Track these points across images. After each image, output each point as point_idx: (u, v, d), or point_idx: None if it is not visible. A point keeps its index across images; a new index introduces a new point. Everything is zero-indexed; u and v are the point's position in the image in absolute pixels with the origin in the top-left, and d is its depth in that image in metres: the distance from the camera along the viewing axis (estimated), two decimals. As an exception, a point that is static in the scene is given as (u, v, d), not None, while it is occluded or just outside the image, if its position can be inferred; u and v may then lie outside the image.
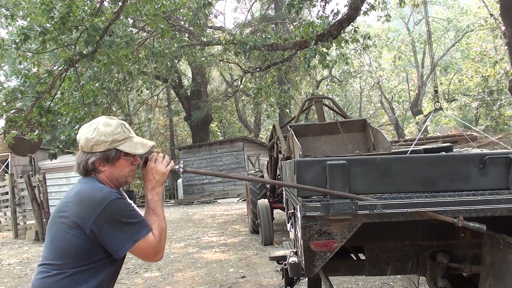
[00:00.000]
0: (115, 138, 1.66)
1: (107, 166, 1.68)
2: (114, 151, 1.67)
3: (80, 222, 1.56)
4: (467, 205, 1.90)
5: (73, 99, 7.92)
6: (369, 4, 8.90)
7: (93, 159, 1.66)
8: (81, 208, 1.58)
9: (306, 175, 1.95)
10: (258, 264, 5.83)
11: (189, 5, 9.44)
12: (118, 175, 1.70)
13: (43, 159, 17.19)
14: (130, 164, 1.73)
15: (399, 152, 3.85)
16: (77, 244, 1.56)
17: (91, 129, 1.67)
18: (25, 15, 7.24)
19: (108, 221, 1.56)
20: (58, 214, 1.62)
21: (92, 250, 1.59)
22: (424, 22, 17.18)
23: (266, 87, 10.86)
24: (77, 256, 1.57)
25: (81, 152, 1.69)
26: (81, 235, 1.56)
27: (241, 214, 11.89)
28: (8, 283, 5.85)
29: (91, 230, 1.55)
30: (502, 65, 18.04)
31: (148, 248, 1.62)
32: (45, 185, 9.29)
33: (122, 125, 1.71)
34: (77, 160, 1.70)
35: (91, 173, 1.69)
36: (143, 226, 1.62)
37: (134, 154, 1.71)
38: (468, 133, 14.10)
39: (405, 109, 28.22)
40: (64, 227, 1.58)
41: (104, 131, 1.65)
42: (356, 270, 2.68)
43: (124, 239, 1.58)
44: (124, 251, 1.59)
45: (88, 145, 1.65)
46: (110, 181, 1.70)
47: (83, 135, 1.68)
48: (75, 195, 1.63)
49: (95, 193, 1.60)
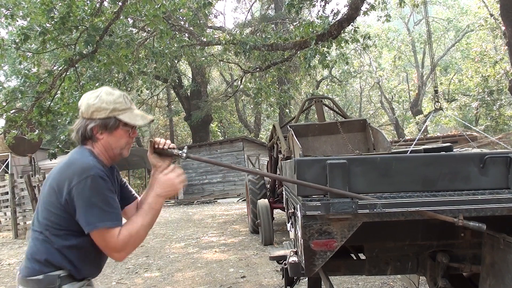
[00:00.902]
0: (116, 107, 1.67)
1: (104, 134, 1.68)
2: (113, 119, 1.67)
3: (58, 190, 1.58)
4: (467, 204, 1.90)
5: (73, 99, 7.92)
6: (369, 4, 8.90)
7: (92, 125, 1.66)
8: (61, 176, 1.59)
9: (306, 174, 1.95)
10: (258, 264, 5.83)
11: (189, 5, 9.45)
12: (115, 145, 1.70)
13: (43, 159, 17.18)
14: (128, 136, 1.73)
15: (399, 152, 3.84)
16: (55, 211, 1.58)
17: (94, 96, 1.68)
18: (25, 15, 7.24)
19: (80, 194, 1.54)
20: (47, 182, 1.67)
21: (68, 219, 1.58)
22: (424, 22, 17.19)
23: (266, 87, 10.86)
24: (55, 224, 1.59)
25: (80, 119, 1.70)
26: (58, 203, 1.57)
27: (241, 214, 11.89)
28: (8, 283, 5.85)
29: (65, 199, 1.56)
30: (502, 65, 18.05)
31: (110, 242, 1.58)
32: (45, 185, 9.29)
33: (125, 96, 1.73)
34: (76, 127, 1.70)
35: (88, 141, 1.69)
36: (113, 217, 1.58)
37: (133, 125, 1.71)
38: (468, 133, 14.10)
39: (405, 109, 28.23)
40: (46, 194, 1.62)
41: (106, 99, 1.66)
42: (356, 270, 2.68)
43: (90, 218, 1.55)
44: (89, 229, 1.56)
45: (88, 110, 1.66)
46: (105, 151, 1.69)
47: (85, 101, 1.68)
48: (64, 164, 1.65)
49: (78, 163, 1.60)
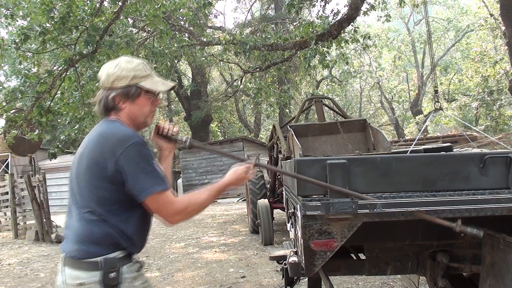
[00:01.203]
0: (136, 74, 1.65)
1: (127, 103, 1.66)
2: (134, 87, 1.65)
3: (101, 164, 1.54)
4: (467, 204, 1.90)
5: (73, 99, 7.92)
6: (369, 4, 8.90)
7: (114, 95, 1.64)
8: (101, 150, 1.56)
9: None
10: (258, 264, 5.83)
11: (189, 5, 9.45)
12: (138, 113, 1.68)
13: (43, 159, 17.19)
14: (150, 104, 1.71)
15: (399, 152, 3.85)
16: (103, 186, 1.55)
17: (113, 65, 1.66)
18: (25, 15, 7.24)
19: (129, 162, 1.53)
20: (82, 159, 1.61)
21: (118, 191, 1.56)
22: (424, 22, 17.19)
23: (266, 87, 10.86)
24: (105, 199, 1.56)
25: (101, 90, 1.68)
26: (104, 177, 1.54)
27: (241, 214, 11.89)
28: (8, 283, 5.85)
29: (112, 171, 1.53)
30: (502, 65, 18.04)
31: (165, 205, 1.58)
32: (45, 185, 9.29)
33: (144, 63, 1.71)
34: (98, 98, 1.68)
35: (111, 112, 1.67)
36: (163, 181, 1.59)
37: (154, 91, 1.69)
38: (468, 133, 14.10)
39: (405, 109, 28.22)
40: (86, 172, 1.57)
41: (126, 67, 1.65)
42: (356, 270, 2.68)
43: (143, 184, 1.54)
44: (144, 196, 1.55)
45: (109, 80, 1.64)
46: (130, 120, 1.67)
47: (104, 71, 1.67)
48: (98, 137, 1.61)
49: (117, 134, 1.58)
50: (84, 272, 1.55)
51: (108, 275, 1.54)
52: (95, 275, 1.54)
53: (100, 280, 1.54)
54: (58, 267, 1.64)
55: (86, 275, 1.55)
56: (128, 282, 1.59)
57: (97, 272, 1.54)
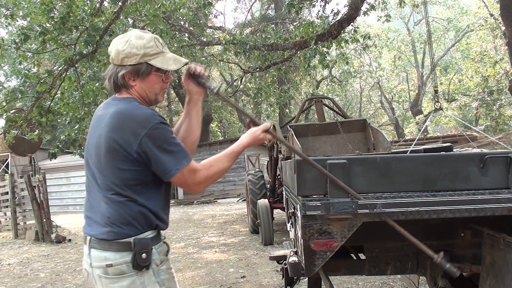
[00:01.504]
0: (147, 52, 1.59)
1: (137, 81, 1.62)
2: (145, 65, 1.60)
3: (124, 145, 1.52)
4: (467, 204, 1.90)
5: (73, 99, 7.92)
6: (369, 4, 8.90)
7: (123, 72, 1.60)
8: (122, 130, 1.53)
9: (307, 174, 1.95)
10: (258, 264, 5.83)
11: (189, 5, 9.44)
12: (148, 91, 1.65)
13: (43, 159, 17.20)
14: (161, 81, 1.67)
15: (399, 152, 3.84)
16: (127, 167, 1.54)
17: (123, 41, 1.60)
18: (25, 15, 7.24)
19: (153, 144, 1.52)
20: (100, 140, 1.56)
21: (142, 172, 1.56)
22: (424, 22, 17.19)
23: (266, 87, 10.85)
24: (131, 180, 1.55)
25: (111, 66, 1.64)
26: (128, 159, 1.53)
27: (241, 214, 11.89)
28: (8, 283, 5.85)
29: (137, 152, 1.52)
30: (502, 65, 18.04)
31: (191, 177, 1.59)
32: (45, 185, 9.29)
33: (156, 39, 1.64)
34: (108, 73, 1.65)
35: (122, 89, 1.64)
36: (186, 153, 1.59)
37: (165, 69, 1.64)
38: (468, 133, 14.10)
39: (405, 109, 28.22)
40: (107, 154, 1.54)
41: (136, 44, 1.59)
42: (356, 270, 2.68)
43: (169, 164, 1.55)
44: (171, 175, 1.56)
45: (118, 57, 1.60)
46: (141, 97, 1.65)
47: (114, 47, 1.62)
48: (117, 117, 1.56)
49: (137, 114, 1.55)
50: (114, 253, 1.53)
51: (140, 256, 1.53)
52: (126, 255, 1.53)
53: (131, 261, 1.52)
54: (84, 251, 1.62)
55: (116, 256, 1.53)
56: (155, 264, 1.58)
57: (128, 253, 1.53)
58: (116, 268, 1.53)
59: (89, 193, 1.66)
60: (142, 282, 1.55)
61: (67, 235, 9.79)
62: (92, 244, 1.57)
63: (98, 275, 1.56)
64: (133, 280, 1.54)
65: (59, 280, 5.83)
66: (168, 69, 1.65)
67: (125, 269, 1.53)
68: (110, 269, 1.53)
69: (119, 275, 1.54)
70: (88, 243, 1.59)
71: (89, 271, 1.60)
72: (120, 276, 1.54)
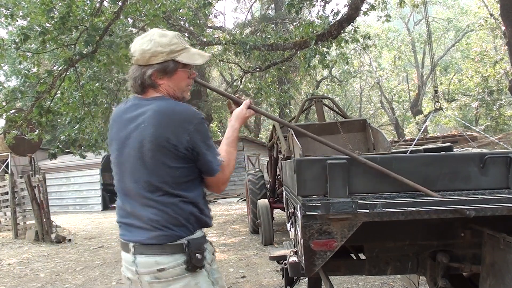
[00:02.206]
0: (173, 49, 1.58)
1: (165, 79, 1.60)
2: (172, 62, 1.59)
3: (174, 142, 1.50)
4: (467, 204, 1.90)
5: (73, 99, 7.93)
6: (369, 4, 8.90)
7: (151, 72, 1.57)
8: (171, 128, 1.51)
9: (307, 174, 1.95)
10: (258, 264, 5.83)
11: (189, 5, 9.44)
12: (176, 88, 1.63)
13: (43, 159, 17.20)
14: (187, 77, 1.66)
15: (399, 152, 3.84)
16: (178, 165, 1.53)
17: (146, 40, 1.58)
18: (25, 15, 7.24)
19: (199, 140, 1.54)
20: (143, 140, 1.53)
21: (190, 169, 1.56)
22: (424, 22, 17.19)
23: (266, 87, 10.86)
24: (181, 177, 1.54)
25: (135, 67, 1.61)
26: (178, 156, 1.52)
27: (241, 214, 11.88)
28: (8, 283, 5.85)
29: (186, 148, 1.52)
30: (502, 65, 18.04)
31: (222, 176, 1.62)
32: (45, 185, 9.29)
33: (178, 35, 1.64)
34: (132, 75, 1.61)
35: (148, 88, 1.61)
36: (219, 153, 1.64)
37: (192, 64, 1.64)
38: (468, 133, 14.10)
39: (405, 109, 28.21)
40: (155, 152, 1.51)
41: (161, 42, 1.57)
42: (356, 270, 2.67)
43: (213, 160, 1.58)
44: (215, 172, 1.58)
45: (144, 57, 1.57)
46: (170, 96, 1.63)
47: (138, 47, 1.59)
48: (158, 115, 1.53)
49: (183, 111, 1.56)
50: (166, 257, 1.49)
51: (195, 256, 1.51)
52: (179, 258, 1.50)
53: (184, 263, 1.50)
54: (127, 259, 1.56)
55: (169, 259, 1.49)
56: (207, 263, 1.57)
57: (181, 255, 1.50)
58: (169, 272, 1.50)
59: (125, 199, 1.60)
60: (196, 283, 1.53)
61: (67, 235, 9.79)
62: (138, 250, 1.52)
63: (148, 281, 1.51)
64: (188, 281, 1.51)
65: (59, 280, 5.83)
66: (195, 63, 1.65)
67: (179, 271, 1.50)
68: (163, 273, 1.50)
69: (172, 278, 1.50)
70: (133, 250, 1.54)
71: (135, 278, 1.55)
72: (173, 279, 1.50)
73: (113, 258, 7.05)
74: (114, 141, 1.63)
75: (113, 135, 1.65)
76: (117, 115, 1.67)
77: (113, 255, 7.31)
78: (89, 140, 8.73)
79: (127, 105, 1.66)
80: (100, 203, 17.63)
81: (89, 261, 6.96)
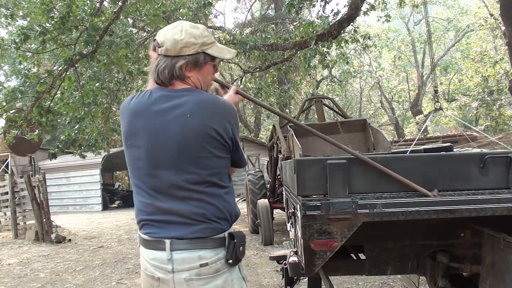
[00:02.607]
0: (205, 41, 1.55)
1: (193, 71, 1.56)
2: (202, 54, 1.55)
3: (221, 132, 1.50)
4: (467, 204, 1.90)
5: (73, 99, 7.93)
6: (369, 4, 8.90)
7: (182, 63, 1.52)
8: (217, 118, 1.50)
9: (307, 174, 1.95)
10: (258, 264, 5.83)
11: (189, 5, 9.44)
12: (203, 81, 1.60)
13: (43, 159, 17.20)
14: (213, 72, 1.64)
15: (399, 152, 3.84)
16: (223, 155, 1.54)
17: (177, 31, 1.53)
18: (25, 15, 7.24)
19: (237, 132, 1.58)
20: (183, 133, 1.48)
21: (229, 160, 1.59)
22: (424, 22, 17.19)
23: (266, 87, 10.86)
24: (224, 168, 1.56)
25: (163, 57, 1.54)
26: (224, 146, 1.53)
27: (241, 214, 11.87)
28: (8, 283, 5.85)
29: (230, 139, 1.54)
30: (502, 65, 18.04)
31: None
32: (45, 185, 9.29)
33: (207, 30, 1.62)
34: (159, 67, 1.53)
35: (175, 80, 1.55)
36: None
37: (222, 58, 1.63)
38: (468, 133, 14.10)
39: (405, 109, 28.21)
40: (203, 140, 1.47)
41: (194, 33, 1.53)
42: (356, 270, 2.67)
43: (241, 152, 1.64)
44: (245, 163, 1.65)
45: (176, 47, 1.51)
46: (195, 88, 1.61)
47: (169, 37, 1.52)
48: (205, 106, 1.51)
49: (223, 103, 1.57)
50: (209, 251, 1.45)
51: (239, 249, 1.48)
52: (220, 251, 1.47)
53: (228, 256, 1.47)
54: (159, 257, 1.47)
55: (211, 253, 1.45)
56: None
57: (222, 249, 1.48)
58: (211, 267, 1.46)
59: (156, 195, 1.50)
60: (232, 279, 1.50)
61: (67, 235, 9.79)
62: (177, 246, 1.45)
63: (186, 278, 1.45)
64: (226, 277, 1.48)
65: (59, 280, 5.83)
66: (225, 58, 1.64)
67: (219, 266, 1.47)
68: (205, 269, 1.45)
69: (213, 274, 1.46)
70: (169, 246, 1.45)
71: (167, 277, 1.47)
72: (214, 275, 1.46)
73: (113, 258, 7.05)
74: (143, 134, 1.51)
75: (139, 128, 1.52)
76: (141, 107, 1.55)
77: (113, 255, 7.31)
78: (89, 140, 8.73)
79: (152, 96, 1.56)
80: (100, 203, 17.62)
81: (89, 261, 6.96)
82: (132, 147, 1.55)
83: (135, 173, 1.55)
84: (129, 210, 16.89)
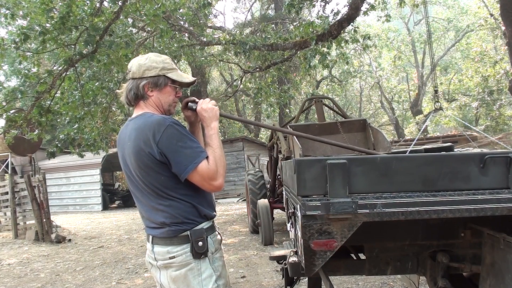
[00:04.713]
0: (165, 66, 1.85)
1: (155, 92, 1.85)
2: (163, 77, 1.84)
3: (147, 150, 1.70)
4: (467, 204, 1.90)
5: (73, 98, 7.92)
6: (369, 4, 8.90)
7: (144, 83, 1.82)
8: (143, 138, 1.72)
9: (306, 174, 1.95)
10: (258, 264, 5.83)
11: (189, 5, 9.44)
12: (164, 101, 1.87)
13: (43, 159, 17.19)
14: (175, 94, 1.90)
15: (399, 152, 3.84)
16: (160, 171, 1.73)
17: (143, 58, 1.86)
18: (25, 14, 7.24)
19: (168, 144, 1.69)
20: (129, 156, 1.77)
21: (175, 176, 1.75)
22: (424, 22, 17.19)
23: (266, 87, 10.86)
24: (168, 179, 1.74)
25: (130, 81, 1.86)
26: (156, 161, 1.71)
27: (241, 214, 11.89)
28: (8, 283, 5.85)
29: (158, 152, 1.70)
30: (502, 65, 18.05)
31: (205, 173, 1.74)
32: (45, 185, 9.29)
33: (170, 59, 1.92)
34: (127, 88, 1.86)
35: (139, 101, 1.85)
36: (200, 150, 1.76)
37: (180, 82, 1.88)
38: (468, 133, 14.10)
39: (405, 109, 28.22)
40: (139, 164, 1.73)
41: (155, 59, 1.85)
42: (356, 270, 2.67)
43: (182, 164, 1.71)
44: (186, 174, 1.72)
45: (140, 70, 1.83)
46: (156, 108, 1.86)
47: (135, 63, 1.86)
48: (135, 132, 1.76)
49: (152, 121, 1.74)
50: (175, 247, 1.77)
51: (197, 244, 1.76)
52: (186, 247, 1.76)
53: (190, 250, 1.76)
54: (148, 248, 1.86)
55: (177, 248, 1.76)
56: (210, 252, 1.80)
57: (187, 244, 1.76)
58: (177, 259, 1.77)
59: (138, 202, 1.88)
60: (199, 269, 1.77)
61: (67, 235, 9.80)
62: (154, 241, 1.82)
63: (161, 265, 1.82)
64: (192, 266, 1.77)
65: (59, 280, 5.83)
66: (183, 81, 1.89)
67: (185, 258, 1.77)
68: (173, 260, 1.78)
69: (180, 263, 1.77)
70: (151, 241, 1.84)
71: (154, 263, 1.84)
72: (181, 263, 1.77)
73: (113, 258, 7.06)
74: (121, 160, 1.89)
75: (119, 155, 1.92)
76: (119, 136, 1.92)
77: (113, 255, 7.32)
78: (88, 140, 8.73)
79: (126, 127, 1.89)
80: (100, 203, 17.62)
81: (89, 261, 6.96)
82: None
83: None
84: (129, 210, 16.90)
